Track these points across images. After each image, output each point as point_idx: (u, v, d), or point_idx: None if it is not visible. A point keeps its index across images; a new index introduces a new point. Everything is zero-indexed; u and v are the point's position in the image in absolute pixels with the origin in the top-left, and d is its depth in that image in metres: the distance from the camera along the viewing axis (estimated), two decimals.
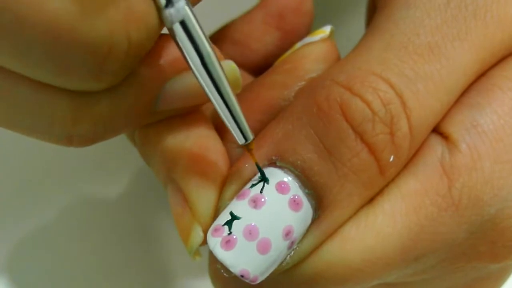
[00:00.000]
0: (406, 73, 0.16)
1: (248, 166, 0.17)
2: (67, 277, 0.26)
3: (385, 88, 0.16)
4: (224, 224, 0.16)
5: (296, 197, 0.16)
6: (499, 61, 0.18)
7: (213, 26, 0.23)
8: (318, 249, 0.17)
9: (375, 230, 0.17)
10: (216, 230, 0.16)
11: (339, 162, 0.16)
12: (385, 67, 0.16)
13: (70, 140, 0.16)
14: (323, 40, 0.20)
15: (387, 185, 0.17)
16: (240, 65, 0.22)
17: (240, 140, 0.16)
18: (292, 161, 0.16)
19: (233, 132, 0.16)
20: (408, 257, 0.17)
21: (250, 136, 0.16)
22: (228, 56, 0.23)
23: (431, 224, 0.17)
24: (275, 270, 0.17)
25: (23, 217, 0.26)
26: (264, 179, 0.16)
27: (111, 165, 0.27)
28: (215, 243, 0.16)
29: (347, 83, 0.16)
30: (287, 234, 0.16)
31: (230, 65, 0.18)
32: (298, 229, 0.16)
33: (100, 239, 0.27)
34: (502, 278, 0.21)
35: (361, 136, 0.16)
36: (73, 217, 0.27)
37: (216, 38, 0.23)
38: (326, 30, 0.20)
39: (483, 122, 0.17)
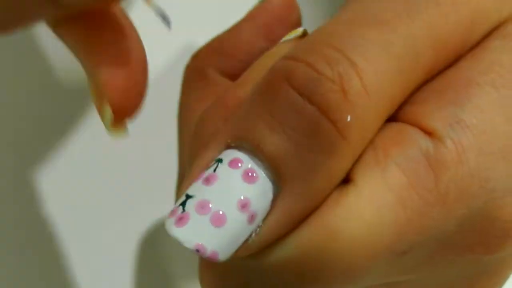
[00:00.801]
0: (354, 40, 0.16)
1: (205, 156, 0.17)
2: (66, 276, 0.26)
3: (331, 52, 0.16)
4: (179, 205, 0.16)
5: (250, 170, 0.16)
6: (469, 50, 0.18)
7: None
8: (294, 233, 0.16)
9: (362, 221, 0.16)
10: (171, 212, 0.16)
11: (291, 130, 0.16)
12: (332, 37, 0.16)
13: None
14: (295, 38, 0.20)
15: (371, 171, 0.17)
16: (230, 76, 0.22)
17: None
18: (245, 139, 0.16)
19: None
20: (396, 250, 0.17)
21: None
22: (218, 68, 0.23)
23: (419, 217, 0.16)
24: (242, 250, 0.16)
25: (23, 216, 0.26)
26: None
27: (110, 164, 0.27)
28: (169, 223, 0.16)
29: (292, 55, 0.16)
30: (243, 206, 0.16)
31: None
32: (256, 202, 0.16)
33: (100, 239, 0.27)
34: (502, 276, 0.20)
35: (309, 98, 0.16)
36: (73, 216, 0.27)
37: (205, 51, 0.23)
38: (299, 30, 0.20)
39: (465, 117, 0.17)
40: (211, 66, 0.22)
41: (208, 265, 0.18)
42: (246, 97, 0.17)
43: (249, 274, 0.17)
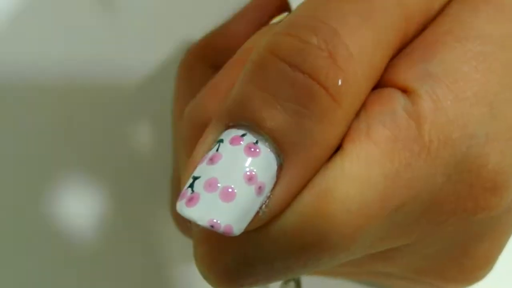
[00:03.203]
0: (334, 12, 0.17)
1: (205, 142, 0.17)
2: (65, 276, 0.27)
3: (314, 22, 0.16)
4: (188, 187, 0.16)
5: (251, 144, 0.16)
6: (433, 18, 0.19)
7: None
8: (295, 202, 0.17)
9: (352, 178, 0.17)
10: (181, 195, 0.16)
11: (286, 101, 0.16)
12: (313, 10, 0.17)
13: None
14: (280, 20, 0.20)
15: (357, 133, 0.17)
16: None
17: None
18: (242, 118, 0.17)
19: None
20: (388, 206, 0.17)
21: None
22: (209, 63, 0.24)
23: (406, 168, 0.17)
24: (253, 222, 0.16)
25: (21, 215, 0.27)
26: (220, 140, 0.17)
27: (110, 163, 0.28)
28: (181, 205, 0.16)
29: (276, 31, 0.17)
30: (250, 179, 0.16)
31: None
32: (262, 174, 0.16)
33: (99, 238, 0.27)
34: (497, 242, 0.21)
35: (298, 68, 0.16)
36: (71, 215, 0.27)
37: (197, 47, 0.24)
38: (285, 14, 0.21)
39: (435, 70, 0.18)
40: (202, 61, 0.23)
41: (203, 240, 0.18)
42: (237, 78, 0.17)
43: (248, 246, 0.17)
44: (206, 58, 0.23)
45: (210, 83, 0.20)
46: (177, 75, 0.23)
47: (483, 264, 0.21)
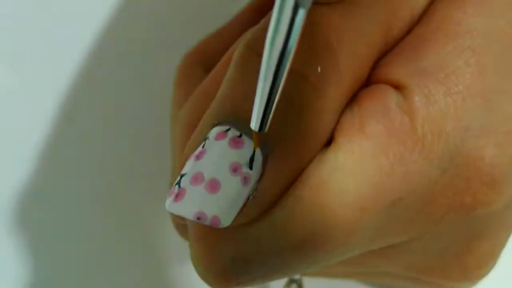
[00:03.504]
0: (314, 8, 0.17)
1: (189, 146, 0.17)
2: (64, 276, 0.27)
3: None
4: (175, 185, 0.17)
5: (235, 137, 0.16)
6: (418, 19, 0.19)
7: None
8: (288, 194, 0.17)
9: (346, 171, 0.16)
10: (169, 193, 0.17)
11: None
12: None
13: None
14: None
15: (350, 127, 0.17)
16: None
17: (256, 125, 0.16)
18: (226, 114, 0.17)
19: (256, 113, 0.15)
20: (383, 199, 0.17)
21: (265, 129, 0.16)
22: (204, 67, 0.24)
23: (401, 162, 0.17)
24: (242, 214, 0.16)
25: (21, 215, 0.27)
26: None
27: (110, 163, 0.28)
28: (169, 202, 0.16)
29: (253, 28, 0.17)
30: (235, 170, 0.16)
31: None
32: (247, 165, 0.16)
33: (99, 238, 0.27)
34: (499, 238, 0.21)
35: None
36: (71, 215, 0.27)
37: (193, 52, 0.24)
38: None
39: (427, 66, 0.18)
40: (199, 65, 0.23)
41: (198, 238, 0.17)
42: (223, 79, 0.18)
43: (243, 242, 0.17)
44: (202, 62, 0.23)
45: (200, 87, 0.21)
46: (174, 80, 0.23)
47: (486, 261, 0.21)
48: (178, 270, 0.27)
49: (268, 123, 0.16)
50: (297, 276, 0.24)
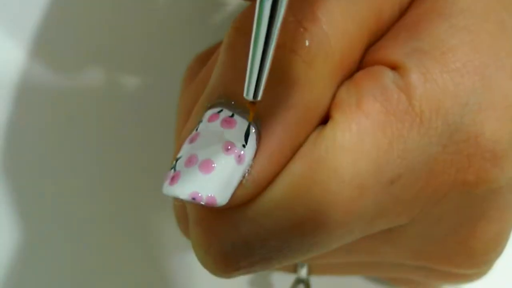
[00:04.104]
0: None
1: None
2: (65, 276, 0.26)
3: None
4: (171, 169, 0.17)
5: (227, 117, 0.17)
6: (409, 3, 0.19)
7: None
8: (285, 172, 0.17)
9: (344, 148, 0.16)
10: (165, 177, 0.17)
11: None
12: None
13: None
14: None
15: (347, 104, 0.17)
16: None
17: (249, 94, 0.16)
18: (217, 96, 0.17)
19: (248, 82, 0.16)
20: (382, 177, 0.17)
21: (258, 97, 0.16)
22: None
23: (399, 140, 0.17)
24: (238, 192, 0.16)
25: (21, 214, 0.27)
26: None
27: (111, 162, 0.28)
28: (165, 186, 0.16)
29: (241, 12, 0.17)
30: (228, 149, 0.16)
31: None
32: (240, 143, 0.16)
33: (99, 237, 0.27)
34: (504, 220, 0.20)
35: None
36: (72, 214, 0.27)
37: (203, 53, 0.24)
38: None
39: (422, 46, 0.18)
40: (202, 67, 0.24)
41: (197, 221, 0.18)
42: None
43: (241, 223, 0.17)
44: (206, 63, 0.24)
45: (198, 76, 0.21)
46: (182, 78, 0.24)
47: (492, 246, 0.20)
48: (178, 270, 0.27)
49: (261, 91, 0.16)
50: (304, 276, 0.24)
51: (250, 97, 0.16)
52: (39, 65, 0.27)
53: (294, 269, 0.24)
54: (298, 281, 0.24)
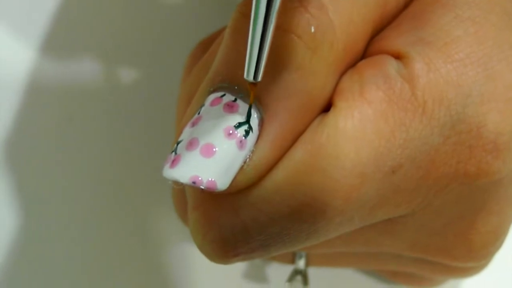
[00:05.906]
0: None
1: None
2: (64, 276, 0.26)
3: None
4: (171, 152, 0.17)
5: (230, 102, 0.17)
6: None
7: None
8: (286, 158, 0.17)
9: (346, 135, 0.16)
10: (166, 161, 0.17)
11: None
12: None
13: None
14: None
15: (350, 92, 0.17)
16: None
17: (249, 75, 0.16)
18: (221, 80, 0.17)
19: (248, 63, 0.16)
20: (383, 166, 0.17)
21: (259, 78, 0.16)
22: None
23: (401, 128, 0.17)
24: (239, 177, 0.16)
25: (21, 214, 0.27)
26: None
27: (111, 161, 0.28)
28: (165, 169, 0.16)
29: None
30: (229, 134, 0.16)
31: None
32: (242, 128, 0.16)
33: (99, 236, 0.27)
34: (505, 213, 0.20)
35: None
36: (71, 214, 0.27)
37: (204, 41, 0.24)
38: None
39: (426, 36, 0.18)
40: (205, 53, 0.24)
41: (196, 206, 0.17)
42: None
43: (241, 208, 0.17)
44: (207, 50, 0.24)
45: (201, 61, 0.21)
46: (184, 65, 0.24)
47: (492, 239, 0.20)
48: (178, 269, 0.27)
49: (261, 72, 0.16)
50: (302, 267, 0.24)
51: (250, 78, 0.16)
52: (46, 65, 0.27)
53: (292, 260, 0.24)
54: (296, 272, 0.24)
